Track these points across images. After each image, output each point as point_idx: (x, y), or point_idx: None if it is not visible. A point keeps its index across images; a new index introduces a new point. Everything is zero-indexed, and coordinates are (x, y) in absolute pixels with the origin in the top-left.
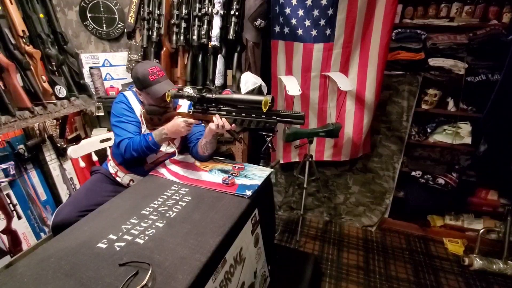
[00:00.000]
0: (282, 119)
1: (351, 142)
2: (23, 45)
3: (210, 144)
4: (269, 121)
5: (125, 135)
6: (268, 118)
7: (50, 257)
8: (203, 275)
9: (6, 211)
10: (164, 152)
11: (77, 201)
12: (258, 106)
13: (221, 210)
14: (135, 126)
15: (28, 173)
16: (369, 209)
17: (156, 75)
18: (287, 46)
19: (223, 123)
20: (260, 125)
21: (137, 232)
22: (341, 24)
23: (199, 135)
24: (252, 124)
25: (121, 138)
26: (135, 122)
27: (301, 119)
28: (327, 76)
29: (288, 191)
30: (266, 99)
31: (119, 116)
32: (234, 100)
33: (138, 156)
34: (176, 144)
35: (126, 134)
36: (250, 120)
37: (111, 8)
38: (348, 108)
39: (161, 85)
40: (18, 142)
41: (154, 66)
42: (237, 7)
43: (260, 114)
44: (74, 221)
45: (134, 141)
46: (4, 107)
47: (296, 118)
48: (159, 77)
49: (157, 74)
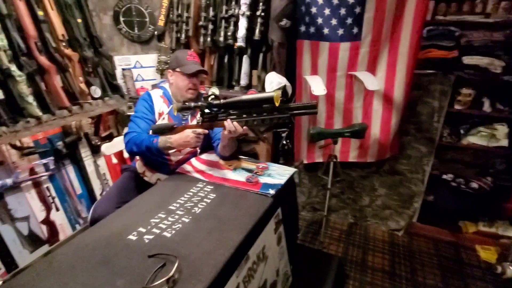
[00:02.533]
0: (294, 112)
1: (377, 143)
2: (62, 48)
3: (228, 147)
4: (281, 116)
5: (134, 129)
6: (280, 113)
7: (85, 247)
8: (227, 270)
9: (46, 203)
10: (187, 151)
11: (112, 197)
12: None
13: (245, 208)
14: (147, 124)
15: (65, 168)
16: (396, 213)
17: (193, 57)
18: (313, 46)
19: (234, 128)
20: (274, 122)
21: (164, 226)
22: (369, 22)
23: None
24: (265, 123)
25: (129, 131)
26: (149, 120)
27: (313, 108)
28: (354, 75)
29: (312, 192)
30: (276, 94)
31: (136, 111)
32: (244, 101)
33: (138, 152)
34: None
35: (136, 129)
36: (263, 119)
37: (142, 12)
38: (375, 108)
39: (194, 66)
40: (57, 139)
41: (193, 52)
42: (262, 7)
43: (271, 112)
44: None
45: (139, 137)
46: (46, 106)
47: (308, 108)
48: (194, 60)
49: (193, 57)
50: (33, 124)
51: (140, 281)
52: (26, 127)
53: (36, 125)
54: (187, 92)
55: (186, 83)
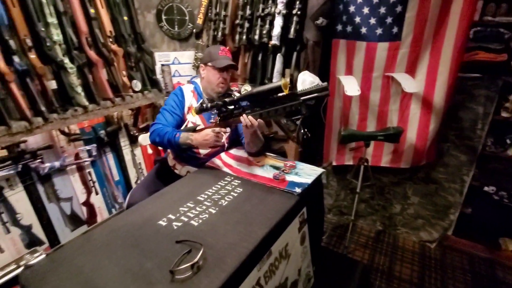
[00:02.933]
0: (305, 97)
1: (413, 148)
2: (109, 44)
3: (252, 143)
4: (293, 104)
5: (160, 121)
6: (292, 101)
7: (119, 228)
8: (249, 263)
9: (87, 186)
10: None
11: (147, 185)
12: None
13: (270, 204)
14: (174, 118)
15: (106, 155)
16: (429, 223)
17: (225, 53)
18: (349, 45)
19: (250, 122)
20: (287, 110)
21: (192, 215)
22: (410, 21)
23: None
24: (279, 112)
25: (156, 122)
26: (176, 115)
27: (325, 90)
28: (391, 77)
29: (340, 195)
30: (284, 81)
31: (166, 104)
32: (255, 94)
33: (160, 143)
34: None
35: (162, 121)
36: (276, 109)
37: (183, 11)
38: (412, 112)
39: (225, 60)
40: (100, 128)
41: (225, 48)
42: (299, 6)
43: (284, 101)
44: None
45: (163, 129)
46: (92, 97)
47: (320, 90)
48: (226, 55)
49: (225, 52)
50: (80, 112)
51: (167, 264)
52: (74, 115)
53: (82, 114)
54: (218, 86)
55: (217, 77)
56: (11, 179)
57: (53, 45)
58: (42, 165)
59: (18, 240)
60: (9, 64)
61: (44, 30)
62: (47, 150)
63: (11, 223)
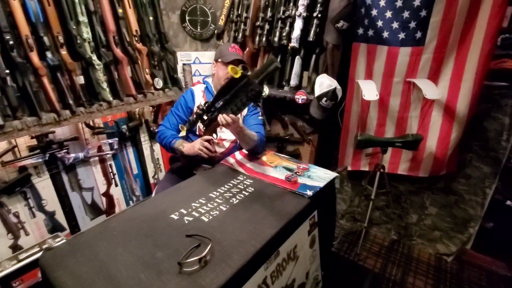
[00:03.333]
0: (260, 77)
1: (433, 157)
2: (134, 43)
3: (242, 141)
4: (251, 88)
5: (164, 123)
6: (250, 85)
7: (135, 218)
8: (256, 261)
9: (108, 178)
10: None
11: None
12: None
13: (280, 204)
14: (177, 121)
15: (126, 149)
16: (447, 236)
17: (235, 50)
18: (370, 49)
19: (225, 120)
20: (249, 96)
21: (203, 211)
22: (435, 26)
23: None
24: (243, 101)
25: (162, 123)
26: (178, 117)
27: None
28: (412, 82)
29: (354, 201)
30: (231, 67)
31: (174, 106)
32: (220, 93)
33: (161, 145)
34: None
35: (165, 123)
36: (240, 99)
37: (206, 12)
38: (433, 120)
39: (233, 55)
40: (122, 123)
41: (237, 46)
42: (320, 9)
43: (244, 88)
44: None
45: (165, 133)
46: (116, 93)
47: (268, 65)
48: (236, 52)
49: (235, 49)
50: (105, 107)
51: (176, 256)
52: (99, 109)
53: (107, 109)
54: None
55: (225, 72)
56: (38, 167)
57: (83, 43)
58: (67, 156)
59: (42, 225)
60: (42, 59)
61: (75, 28)
62: (73, 142)
63: (37, 208)
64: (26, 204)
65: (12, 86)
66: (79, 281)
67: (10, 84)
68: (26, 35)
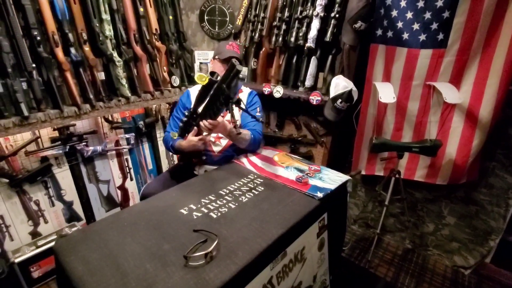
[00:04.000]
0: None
1: (452, 164)
2: (154, 41)
3: (236, 142)
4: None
5: (167, 129)
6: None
7: (145, 211)
8: (262, 260)
9: (124, 172)
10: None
11: (163, 180)
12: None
13: (290, 205)
14: (176, 123)
15: (142, 144)
16: (465, 248)
17: (232, 47)
18: (388, 51)
19: (205, 126)
20: (221, 101)
21: (212, 207)
22: (458, 28)
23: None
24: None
25: (166, 130)
26: (178, 119)
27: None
28: (432, 86)
29: (367, 206)
30: (198, 75)
31: (174, 110)
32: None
33: (168, 150)
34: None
35: (168, 128)
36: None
37: (224, 12)
38: (454, 125)
39: (230, 53)
40: (139, 118)
41: (235, 44)
42: (338, 9)
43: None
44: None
45: (167, 137)
46: (134, 89)
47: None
48: (233, 49)
49: (233, 47)
50: (123, 103)
51: (182, 250)
52: (117, 104)
53: (125, 104)
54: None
55: (221, 70)
56: (59, 158)
57: (105, 40)
58: (86, 148)
59: (60, 214)
60: (67, 55)
61: (98, 25)
62: (92, 135)
63: (56, 197)
64: (46, 193)
65: (37, 80)
66: (88, 266)
67: (36, 77)
68: (53, 31)
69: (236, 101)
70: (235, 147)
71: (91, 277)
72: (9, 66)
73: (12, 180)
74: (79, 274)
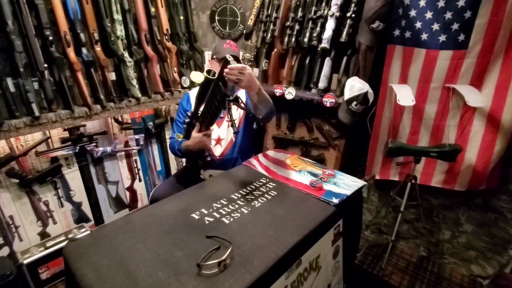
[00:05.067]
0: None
1: (471, 170)
2: (165, 41)
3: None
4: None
5: (172, 134)
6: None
7: (156, 215)
8: (277, 269)
9: (132, 173)
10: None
11: (171, 184)
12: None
13: (304, 211)
14: (179, 127)
15: (151, 146)
16: (483, 257)
17: (230, 46)
18: (406, 52)
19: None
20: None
21: (224, 212)
22: (480, 29)
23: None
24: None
25: (171, 136)
26: (181, 123)
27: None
28: (452, 88)
29: (380, 212)
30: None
31: (176, 115)
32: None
33: (173, 153)
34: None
35: (172, 134)
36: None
37: (235, 12)
38: (474, 130)
39: (227, 51)
40: (149, 119)
41: (233, 42)
42: (354, 9)
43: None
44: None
45: (172, 143)
46: (145, 90)
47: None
48: (231, 48)
49: (231, 46)
50: (133, 103)
51: (195, 257)
52: (128, 105)
53: (135, 105)
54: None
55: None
56: (69, 158)
57: (116, 40)
58: (96, 149)
59: (69, 215)
60: (78, 55)
61: (110, 25)
62: (102, 136)
63: (65, 198)
64: (55, 194)
65: (49, 80)
66: (99, 273)
67: (48, 77)
68: (65, 31)
69: (234, 99)
70: (237, 148)
71: (102, 285)
72: (21, 66)
73: (22, 181)
74: (89, 282)
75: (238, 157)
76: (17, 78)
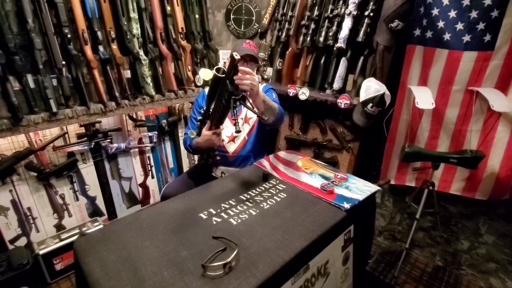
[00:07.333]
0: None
1: (494, 178)
2: (180, 40)
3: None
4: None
5: (186, 130)
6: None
7: (165, 213)
8: (283, 273)
9: (145, 169)
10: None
11: (182, 181)
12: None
13: (314, 215)
14: (193, 124)
15: (164, 143)
16: (504, 270)
17: (249, 45)
18: (426, 53)
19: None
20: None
21: (232, 213)
22: (508, 29)
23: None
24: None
25: (185, 132)
26: (195, 120)
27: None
28: (476, 92)
29: (394, 218)
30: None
31: (191, 111)
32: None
33: (186, 150)
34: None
35: (186, 130)
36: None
37: (250, 11)
38: (499, 135)
39: (245, 51)
40: (162, 117)
41: (252, 42)
42: (372, 7)
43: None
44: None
45: (186, 139)
46: (159, 88)
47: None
48: (250, 47)
49: (249, 45)
50: (147, 101)
51: (200, 258)
52: (142, 103)
53: (149, 103)
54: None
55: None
56: (85, 153)
57: (132, 38)
58: (110, 145)
59: (83, 208)
60: (95, 52)
61: (126, 24)
62: (116, 132)
63: (80, 192)
64: (71, 188)
65: (67, 77)
66: (106, 270)
67: (65, 74)
68: (83, 29)
69: (240, 98)
70: (250, 147)
71: (108, 281)
72: (41, 63)
73: (40, 174)
74: (96, 277)
75: (251, 155)
76: (36, 74)
